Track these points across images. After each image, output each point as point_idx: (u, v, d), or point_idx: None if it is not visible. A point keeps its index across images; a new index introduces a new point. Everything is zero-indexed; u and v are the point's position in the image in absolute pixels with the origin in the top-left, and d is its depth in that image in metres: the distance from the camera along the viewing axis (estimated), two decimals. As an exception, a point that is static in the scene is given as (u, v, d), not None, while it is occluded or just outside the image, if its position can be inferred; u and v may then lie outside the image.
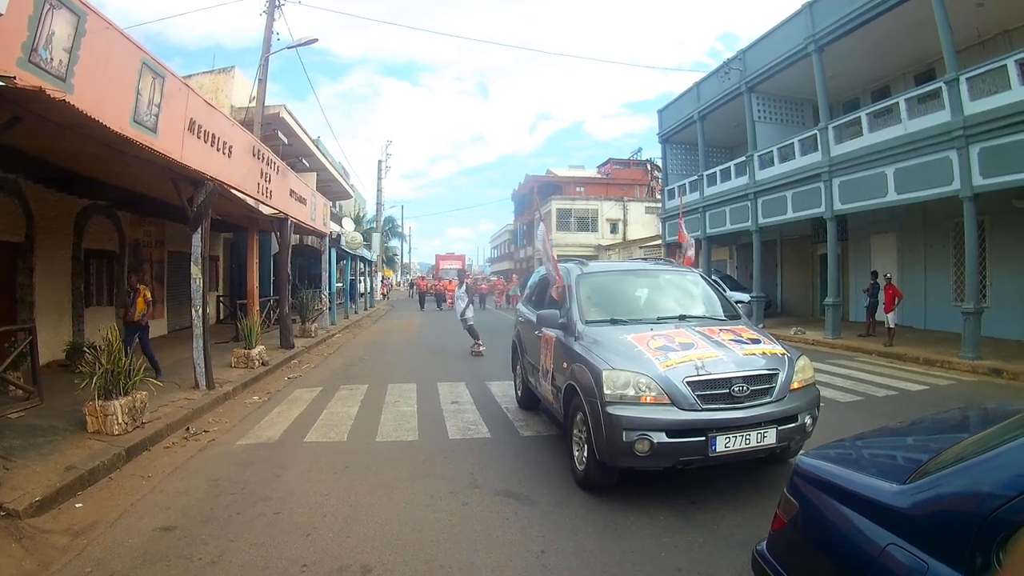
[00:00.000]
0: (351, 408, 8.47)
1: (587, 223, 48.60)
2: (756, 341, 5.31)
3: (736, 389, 4.63)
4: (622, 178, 55.52)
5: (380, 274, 47.91)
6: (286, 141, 18.26)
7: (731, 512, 4.61)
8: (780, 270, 23.78)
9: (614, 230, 48.75)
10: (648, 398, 4.62)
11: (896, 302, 13.83)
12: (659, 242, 29.92)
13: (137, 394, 6.81)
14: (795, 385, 4.94)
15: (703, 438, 4.48)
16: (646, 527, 4.37)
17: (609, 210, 49.18)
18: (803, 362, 5.19)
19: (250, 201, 11.66)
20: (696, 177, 23.19)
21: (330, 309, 20.71)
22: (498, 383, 9.95)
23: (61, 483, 5.01)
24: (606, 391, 4.68)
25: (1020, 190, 11.60)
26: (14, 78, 4.62)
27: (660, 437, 4.47)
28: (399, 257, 65.91)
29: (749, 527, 4.27)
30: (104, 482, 5.47)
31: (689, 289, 6.68)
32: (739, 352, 4.99)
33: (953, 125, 11.90)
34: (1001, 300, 13.99)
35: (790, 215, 17.81)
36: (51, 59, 5.07)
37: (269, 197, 12.18)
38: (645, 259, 11.62)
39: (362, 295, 34.37)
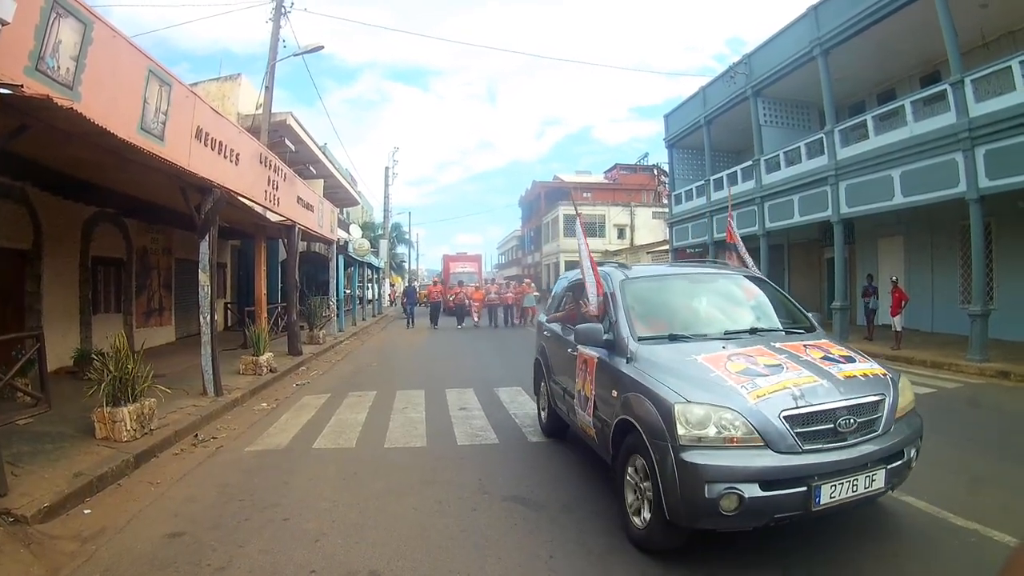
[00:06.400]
0: (359, 414, 8.47)
1: (594, 229, 48.27)
2: (850, 359, 4.30)
3: (841, 423, 3.68)
4: (629, 183, 55.58)
5: (388, 281, 48.02)
6: (293, 148, 18.33)
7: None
8: (787, 274, 23.64)
9: (621, 235, 48.76)
10: (735, 439, 3.59)
11: (902, 305, 13.76)
12: (666, 247, 29.83)
13: (145, 401, 6.83)
14: (898, 413, 4.01)
15: (805, 488, 3.49)
16: (655, 532, 4.32)
17: (616, 216, 49.21)
18: (904, 382, 4.25)
19: (258, 208, 11.68)
20: (703, 182, 23.13)
21: (338, 316, 20.72)
22: (506, 389, 9.93)
23: (69, 489, 5.01)
24: (680, 431, 3.63)
25: (1026, 192, 11.52)
26: (21, 86, 4.64)
27: (752, 490, 3.46)
28: (407, 264, 66.00)
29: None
30: (112, 488, 5.47)
31: (752, 295, 5.56)
32: (838, 374, 3.99)
33: (959, 127, 11.87)
34: (1008, 302, 13.88)
35: (797, 219, 17.77)
36: (58, 67, 5.09)
37: (276, 204, 12.21)
38: (691, 260, 11.12)
39: (370, 302, 34.33)
